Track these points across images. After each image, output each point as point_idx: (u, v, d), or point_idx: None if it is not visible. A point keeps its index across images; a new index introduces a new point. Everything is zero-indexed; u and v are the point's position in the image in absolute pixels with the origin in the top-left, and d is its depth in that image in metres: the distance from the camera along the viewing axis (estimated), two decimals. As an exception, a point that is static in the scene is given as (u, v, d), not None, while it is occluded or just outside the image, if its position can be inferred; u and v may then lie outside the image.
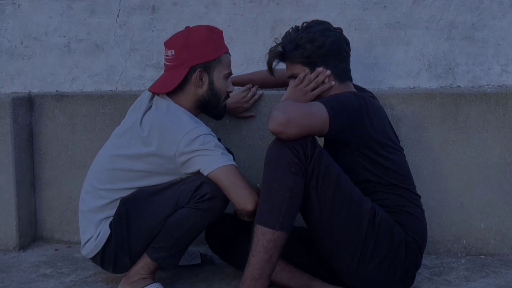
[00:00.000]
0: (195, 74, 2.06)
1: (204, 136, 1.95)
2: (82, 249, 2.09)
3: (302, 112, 1.86)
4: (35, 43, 2.76)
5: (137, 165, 2.01)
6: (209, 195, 1.94)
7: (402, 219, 1.96)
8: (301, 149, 1.83)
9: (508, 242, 2.39)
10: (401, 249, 1.93)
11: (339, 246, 1.89)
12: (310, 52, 2.01)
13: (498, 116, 2.36)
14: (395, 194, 1.97)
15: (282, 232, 1.81)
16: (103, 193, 2.04)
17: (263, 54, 2.55)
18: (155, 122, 2.00)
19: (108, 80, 2.73)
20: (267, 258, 1.81)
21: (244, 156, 2.47)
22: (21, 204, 2.60)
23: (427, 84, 2.51)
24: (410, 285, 2.03)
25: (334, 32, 2.05)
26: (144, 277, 2.04)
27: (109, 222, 2.03)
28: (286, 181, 1.81)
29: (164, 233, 1.98)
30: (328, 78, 2.03)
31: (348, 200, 1.86)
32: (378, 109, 2.04)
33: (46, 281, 2.26)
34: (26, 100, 2.65)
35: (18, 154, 2.58)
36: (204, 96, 2.09)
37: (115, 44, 2.71)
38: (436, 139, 2.39)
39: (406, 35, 2.51)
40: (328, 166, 1.86)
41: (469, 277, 2.20)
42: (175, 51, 2.07)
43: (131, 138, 2.03)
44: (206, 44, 2.06)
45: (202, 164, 1.94)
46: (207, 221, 1.99)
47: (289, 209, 1.82)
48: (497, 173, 2.37)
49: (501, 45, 2.47)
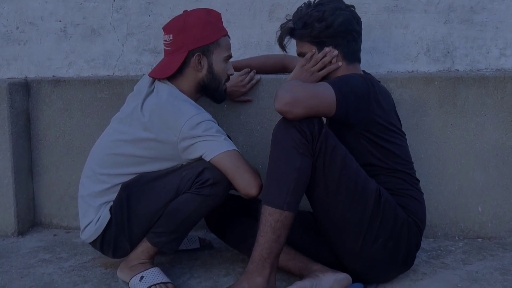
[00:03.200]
0: (193, 58, 2.06)
1: (206, 122, 1.95)
2: (82, 234, 2.09)
3: (309, 92, 1.84)
4: (31, 28, 2.74)
5: (138, 150, 2.00)
6: (211, 181, 1.94)
7: (404, 202, 1.96)
8: (308, 129, 1.82)
9: (505, 226, 2.40)
10: (403, 230, 1.94)
11: (344, 226, 1.89)
12: (318, 32, 1.99)
13: (496, 99, 2.35)
14: (397, 177, 1.98)
15: (289, 212, 1.82)
16: (104, 177, 2.04)
17: (261, 38, 2.55)
18: (156, 108, 1.99)
19: (105, 65, 2.72)
20: (275, 238, 1.82)
21: (242, 140, 2.47)
22: (19, 190, 2.60)
23: (426, 68, 2.51)
24: (410, 266, 2.05)
25: (345, 11, 2.01)
26: (144, 262, 2.05)
27: (109, 207, 2.03)
28: (293, 162, 1.81)
29: (165, 218, 1.99)
30: (336, 58, 2.01)
31: (354, 180, 1.86)
32: (385, 92, 2.03)
33: (45, 266, 2.27)
34: (22, 86, 2.64)
35: (16, 140, 2.58)
36: (203, 79, 2.09)
37: (112, 29, 2.69)
38: (434, 123, 2.39)
39: (405, 19, 2.50)
40: (335, 147, 1.85)
41: (466, 260, 2.22)
42: (173, 36, 2.06)
43: (131, 123, 2.02)
44: (203, 27, 2.05)
45: (204, 150, 1.94)
46: (208, 207, 1.99)
47: (297, 189, 1.82)
48: (494, 156, 2.37)
49: (500, 28, 2.46)
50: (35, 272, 2.21)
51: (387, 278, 2.03)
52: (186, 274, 2.15)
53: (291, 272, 2.03)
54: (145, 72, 2.66)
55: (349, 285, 1.95)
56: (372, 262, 1.93)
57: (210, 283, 2.07)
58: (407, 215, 1.95)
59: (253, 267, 1.85)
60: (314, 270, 1.96)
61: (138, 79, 2.53)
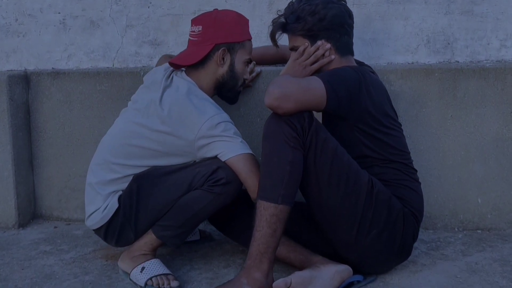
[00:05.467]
0: (218, 52, 2.07)
1: (225, 123, 1.97)
2: (87, 220, 2.09)
3: (298, 86, 1.85)
4: (30, 20, 2.73)
5: (153, 143, 2.01)
6: (225, 180, 1.95)
7: (399, 192, 1.97)
8: (298, 123, 1.83)
9: (505, 217, 2.41)
10: (399, 221, 1.94)
11: (337, 218, 1.90)
12: (311, 25, 2.00)
13: (497, 91, 2.35)
14: (392, 168, 1.98)
15: (284, 205, 1.82)
16: (116, 167, 2.04)
17: (260, 30, 2.54)
18: (176, 103, 1.99)
19: (104, 57, 2.71)
20: (271, 233, 1.83)
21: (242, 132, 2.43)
22: (20, 182, 2.60)
23: (426, 59, 2.50)
24: (407, 257, 2.05)
25: (337, 4, 2.02)
26: (145, 253, 2.06)
27: (118, 196, 2.04)
28: (285, 155, 1.81)
29: (174, 213, 1.99)
30: (329, 51, 2.02)
31: (345, 172, 1.87)
32: (377, 83, 2.03)
33: (46, 258, 2.28)
34: (22, 78, 2.63)
35: (16, 132, 2.58)
36: (223, 76, 2.10)
37: (111, 21, 2.69)
38: (434, 115, 2.38)
39: (405, 10, 2.49)
40: (325, 140, 1.86)
41: (465, 251, 2.22)
42: (202, 27, 2.07)
43: (149, 115, 2.02)
44: (233, 25, 2.08)
45: (221, 149, 1.95)
46: (218, 205, 2.00)
47: (290, 182, 1.83)
48: (494, 148, 2.37)
49: (500, 19, 2.45)
50: (36, 264, 2.22)
51: (384, 268, 2.03)
52: (186, 265, 2.16)
53: (292, 264, 2.03)
54: (145, 64, 2.66)
55: (349, 276, 1.95)
56: (367, 253, 1.94)
57: (210, 275, 2.08)
58: (403, 206, 1.96)
59: (250, 262, 1.85)
60: (315, 262, 1.96)
61: (137, 71, 2.54)
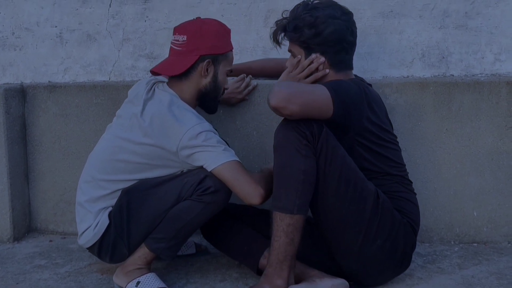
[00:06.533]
0: (203, 63, 2.07)
1: (207, 132, 1.96)
2: (79, 239, 2.08)
3: (305, 89, 1.83)
4: (27, 33, 2.74)
5: (138, 156, 2.01)
6: (213, 189, 1.95)
7: (398, 204, 1.97)
8: (307, 130, 1.82)
9: (501, 230, 2.41)
10: (400, 231, 1.95)
11: (343, 226, 1.90)
12: (306, 38, 2.00)
13: (491, 104, 2.36)
14: (390, 180, 1.99)
15: (300, 215, 1.83)
16: (103, 183, 2.04)
17: (256, 44, 2.56)
18: (157, 115, 2.00)
19: (100, 71, 2.72)
20: (288, 241, 1.84)
21: (238, 145, 2.47)
22: (15, 195, 2.59)
23: (421, 73, 2.52)
24: (407, 267, 2.05)
25: (339, 20, 1.98)
26: (140, 267, 2.05)
27: (108, 212, 2.03)
28: (297, 164, 1.81)
29: (165, 224, 1.99)
30: (323, 65, 2.02)
31: (353, 180, 1.87)
32: (377, 98, 2.04)
33: (41, 272, 2.26)
34: (18, 91, 2.63)
35: (11, 146, 2.57)
36: (206, 87, 2.10)
37: (108, 34, 2.70)
38: (430, 128, 2.39)
39: (400, 24, 2.51)
40: (335, 146, 1.86)
41: (462, 264, 2.22)
42: (187, 37, 2.07)
43: (132, 129, 2.02)
44: (218, 37, 2.08)
45: (205, 161, 1.95)
46: (208, 214, 2.00)
47: (305, 191, 1.83)
48: (490, 161, 2.38)
49: (494, 33, 2.48)
50: (31, 278, 2.20)
51: (385, 278, 2.04)
52: (182, 279, 2.15)
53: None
54: (141, 78, 2.67)
55: (345, 290, 1.95)
56: (370, 263, 1.94)
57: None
58: (401, 217, 1.96)
59: (271, 270, 1.87)
60: (312, 276, 1.96)
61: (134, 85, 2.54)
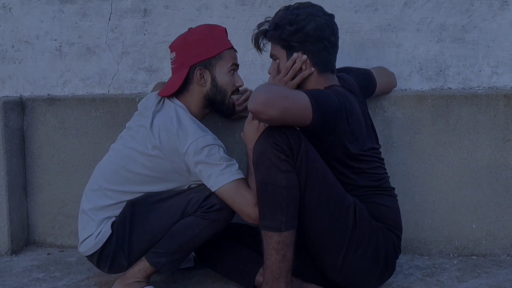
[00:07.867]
0: (195, 73, 2.08)
1: (210, 147, 1.96)
2: (80, 246, 2.08)
3: (285, 94, 1.78)
4: (27, 46, 2.76)
5: (147, 169, 2.01)
6: (218, 206, 1.95)
7: (370, 210, 1.94)
8: (284, 144, 1.78)
9: (500, 243, 2.41)
10: (379, 236, 1.93)
11: (326, 240, 1.88)
12: (287, 35, 1.97)
13: (489, 117, 2.37)
14: (363, 190, 1.97)
15: (288, 231, 1.81)
16: (110, 193, 2.04)
17: (255, 57, 2.57)
18: (163, 128, 2.01)
19: (100, 84, 2.73)
20: (280, 258, 1.82)
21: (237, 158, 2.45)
22: (13, 208, 2.59)
23: (418, 86, 2.53)
24: (392, 272, 2.03)
25: (320, 18, 1.96)
26: (139, 281, 2.04)
27: (111, 222, 2.03)
28: (278, 181, 1.78)
29: (167, 239, 1.99)
30: (305, 64, 1.98)
31: (333, 194, 1.86)
32: (356, 109, 1.97)
33: (39, 285, 2.25)
34: (17, 104, 2.64)
35: (10, 158, 2.57)
36: (208, 93, 2.11)
37: (107, 48, 2.71)
38: (428, 141, 2.40)
39: (397, 38, 2.53)
40: (314, 160, 1.83)
41: (461, 277, 2.21)
42: (176, 53, 2.10)
43: (141, 141, 2.03)
44: (203, 42, 2.08)
45: (207, 180, 1.96)
46: (212, 231, 2.00)
47: (290, 206, 1.80)
48: (488, 174, 2.39)
49: (491, 47, 2.49)
50: (29, 292, 2.20)
51: (373, 285, 2.02)
52: (180, 293, 2.15)
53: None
54: (140, 91, 2.68)
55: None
56: (354, 272, 1.93)
57: (205, 302, 2.06)
58: (376, 222, 1.95)
59: (268, 287, 1.85)
60: (308, 290, 1.96)
61: (133, 98, 2.55)
